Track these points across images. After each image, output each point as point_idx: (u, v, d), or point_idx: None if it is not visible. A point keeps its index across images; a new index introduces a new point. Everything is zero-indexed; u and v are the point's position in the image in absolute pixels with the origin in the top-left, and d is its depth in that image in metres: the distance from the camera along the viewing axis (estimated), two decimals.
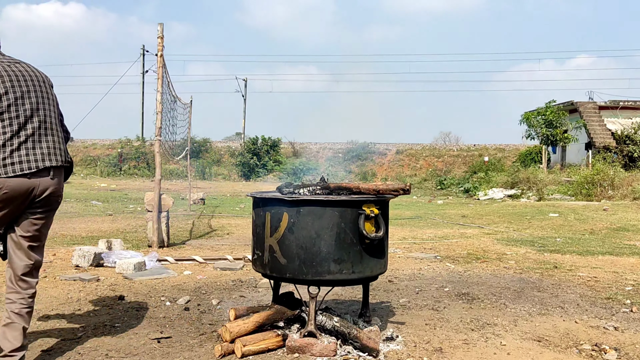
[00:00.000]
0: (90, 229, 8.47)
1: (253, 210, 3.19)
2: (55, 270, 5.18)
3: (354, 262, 2.95)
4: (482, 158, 31.05)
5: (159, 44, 6.69)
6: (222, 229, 8.96)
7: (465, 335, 3.36)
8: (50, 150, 2.68)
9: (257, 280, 4.83)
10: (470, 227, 9.79)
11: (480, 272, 5.46)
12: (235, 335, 2.94)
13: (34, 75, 2.68)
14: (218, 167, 33.14)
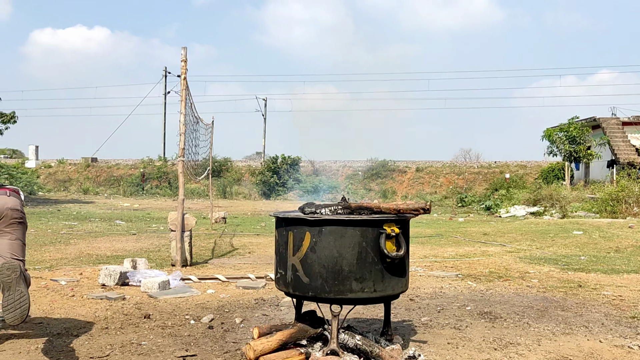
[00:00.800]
0: (115, 248, 8.62)
1: (276, 229, 3.26)
2: (83, 289, 5.30)
3: (376, 280, 2.99)
4: (503, 175, 30.79)
5: (182, 67, 6.88)
6: (243, 247, 9.05)
7: (487, 354, 3.36)
8: None
9: (279, 299, 4.88)
10: (492, 245, 9.72)
11: (503, 291, 5.43)
12: (259, 353, 2.99)
13: None
14: (239, 186, 33.40)
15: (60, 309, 4.47)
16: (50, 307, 4.53)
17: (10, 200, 3.22)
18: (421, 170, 33.54)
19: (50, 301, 4.73)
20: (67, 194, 31.99)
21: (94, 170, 36.17)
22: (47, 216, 15.55)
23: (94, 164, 36.95)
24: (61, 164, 37.77)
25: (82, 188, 33.08)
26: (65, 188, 34.27)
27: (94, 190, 32.75)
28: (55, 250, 8.26)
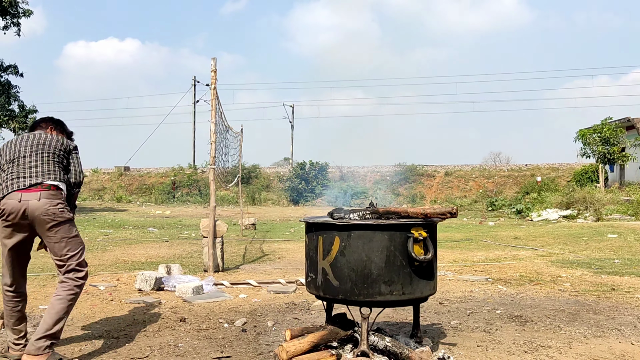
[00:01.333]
0: (149, 255, 8.85)
1: (306, 234, 3.36)
2: (121, 293, 5.48)
3: (404, 283, 3.05)
4: (534, 178, 30.31)
5: (212, 77, 7.06)
6: (273, 253, 9.18)
7: (518, 357, 3.38)
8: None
9: (310, 303, 4.97)
10: (523, 249, 9.63)
11: (534, 295, 5.40)
12: (291, 354, 3.08)
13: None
14: (267, 193, 33.70)
15: (100, 312, 4.65)
16: (91, 311, 4.72)
17: (39, 205, 3.20)
18: (450, 175, 33.27)
19: (90, 305, 4.93)
20: (101, 202, 32.80)
21: (126, 179, 36.99)
22: (84, 224, 16.00)
23: (126, 172, 37.80)
24: (95, 173, 38.74)
25: (115, 196, 33.87)
26: (100, 196, 35.14)
27: (126, 198, 33.49)
28: (92, 257, 8.52)
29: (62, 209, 3.27)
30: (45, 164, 3.34)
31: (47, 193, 3.25)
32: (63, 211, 3.27)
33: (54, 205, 3.24)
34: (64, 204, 3.31)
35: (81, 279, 3.33)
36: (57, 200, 3.28)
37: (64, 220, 3.27)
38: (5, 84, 21.25)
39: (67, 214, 3.30)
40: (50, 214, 3.22)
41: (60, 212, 3.26)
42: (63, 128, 3.75)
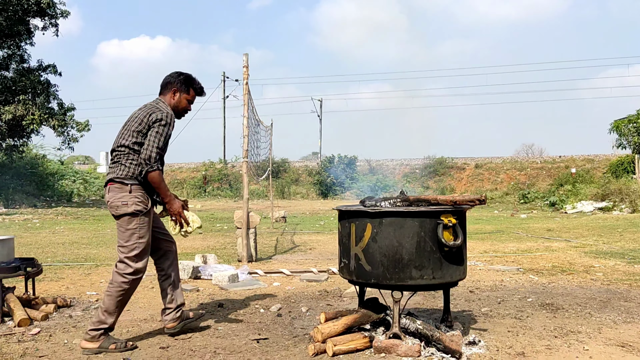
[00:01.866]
0: (184, 246, 9.11)
1: (339, 222, 3.49)
2: None
3: (434, 268, 3.16)
4: (568, 170, 29.76)
5: (244, 72, 7.24)
6: (304, 244, 9.35)
7: (548, 341, 3.45)
8: None
9: (342, 291, 5.11)
10: (556, 241, 9.56)
11: (566, 284, 5.42)
12: (326, 336, 3.22)
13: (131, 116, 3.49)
14: (296, 186, 33.97)
15: (142, 299, 4.89)
16: (134, 297, 4.94)
17: (107, 197, 3.43)
18: (480, 167, 32.93)
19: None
20: None
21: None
22: None
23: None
24: None
25: None
26: None
27: None
28: None
29: (124, 202, 3.35)
30: (119, 157, 3.41)
31: (113, 187, 3.39)
32: (126, 204, 3.35)
33: (117, 199, 3.37)
34: (128, 197, 3.35)
35: (127, 275, 3.36)
36: (120, 194, 3.36)
37: (122, 213, 3.36)
38: (44, 83, 21.95)
39: (126, 208, 3.35)
40: (113, 206, 3.40)
41: (121, 206, 3.35)
42: (186, 86, 3.62)
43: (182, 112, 3.68)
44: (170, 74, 3.66)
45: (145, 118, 3.41)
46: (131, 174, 3.38)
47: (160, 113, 3.42)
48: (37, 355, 3.26)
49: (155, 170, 3.36)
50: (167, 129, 3.42)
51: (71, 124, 22.67)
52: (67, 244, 9.45)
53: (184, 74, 3.67)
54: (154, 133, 3.37)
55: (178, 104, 3.61)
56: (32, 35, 22.42)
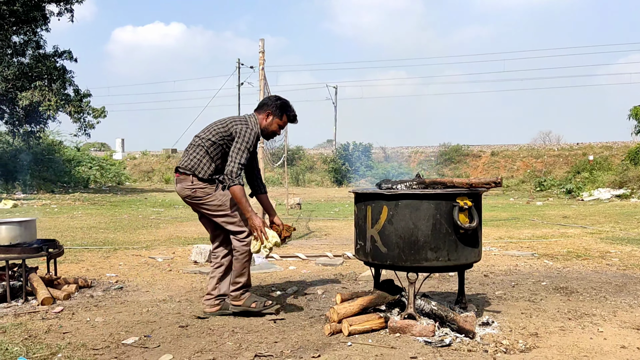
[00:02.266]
0: (200, 232, 9.22)
1: (355, 204, 3.53)
2: (178, 265, 5.83)
3: (450, 250, 3.19)
4: (586, 157, 29.39)
5: (260, 58, 7.27)
6: (319, 230, 9.41)
7: (561, 323, 3.47)
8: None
9: (357, 274, 5.17)
10: (572, 228, 9.51)
11: (581, 269, 5.42)
12: (342, 316, 3.27)
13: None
14: (311, 174, 34.03)
15: (161, 281, 4.99)
16: (153, 279, 5.06)
17: (177, 187, 3.70)
18: (496, 154, 32.68)
19: (151, 275, 5.27)
20: (150, 183, 33.94)
21: (174, 161, 38.02)
22: (137, 203, 16.71)
23: (174, 154, 38.85)
24: (144, 155, 40.02)
25: (163, 178, 34.94)
26: (149, 178, 36.33)
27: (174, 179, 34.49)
28: (147, 233, 8.98)
29: (193, 189, 3.61)
30: (190, 147, 3.67)
31: (179, 178, 3.68)
32: (195, 191, 3.61)
33: (186, 188, 3.62)
34: (194, 185, 3.59)
35: (243, 238, 3.62)
36: (187, 184, 3.61)
37: (199, 196, 3.63)
38: (60, 69, 22.16)
39: (199, 192, 3.61)
40: (184, 196, 3.67)
41: (194, 192, 3.62)
42: (281, 112, 3.72)
43: (270, 134, 3.80)
44: (270, 96, 3.81)
45: (231, 124, 3.60)
46: (191, 166, 3.61)
47: (245, 127, 3.56)
48: (61, 332, 3.36)
49: (237, 185, 3.50)
50: (249, 145, 3.54)
51: (87, 111, 22.89)
52: (85, 228, 9.62)
53: (282, 100, 3.76)
54: (236, 149, 3.52)
55: (269, 126, 3.73)
56: (48, 21, 22.60)
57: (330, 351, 2.95)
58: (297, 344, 3.08)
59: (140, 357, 2.90)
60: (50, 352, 2.97)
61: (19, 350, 2.98)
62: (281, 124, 3.76)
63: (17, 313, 3.76)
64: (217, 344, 3.10)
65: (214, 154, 3.62)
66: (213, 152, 3.62)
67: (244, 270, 3.65)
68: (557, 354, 2.88)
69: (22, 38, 22.37)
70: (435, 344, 3.00)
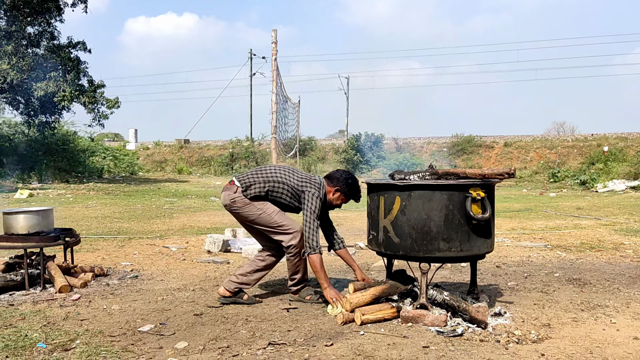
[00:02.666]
0: (213, 222, 9.31)
1: (368, 195, 3.54)
2: (191, 254, 5.89)
3: (462, 241, 3.20)
4: (600, 148, 29.03)
5: (272, 48, 7.27)
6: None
7: (574, 314, 3.47)
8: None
9: (369, 265, 5.19)
10: (585, 219, 9.44)
11: (594, 260, 5.39)
12: (354, 305, 3.30)
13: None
14: (323, 165, 34.00)
15: (175, 270, 5.05)
16: (167, 268, 5.13)
17: (222, 195, 3.84)
18: (509, 145, 32.41)
19: (166, 264, 5.34)
20: (163, 173, 34.16)
21: (186, 152, 38.23)
22: (150, 194, 16.85)
23: (186, 145, 39.03)
24: (157, 145, 40.24)
25: (176, 168, 35.14)
26: (162, 168, 36.56)
27: (187, 170, 34.69)
28: (161, 222, 9.07)
29: (233, 199, 3.75)
30: (254, 179, 3.81)
31: (227, 186, 3.86)
32: (234, 201, 3.75)
33: (228, 197, 3.79)
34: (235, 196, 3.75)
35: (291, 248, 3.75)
36: (229, 193, 3.79)
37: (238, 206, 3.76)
38: (75, 60, 22.29)
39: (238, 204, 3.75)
40: (224, 204, 3.85)
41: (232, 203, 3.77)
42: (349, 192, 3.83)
43: (330, 206, 3.92)
44: (342, 172, 3.91)
45: (306, 182, 3.75)
46: (245, 183, 3.77)
47: (316, 191, 3.69)
48: (79, 319, 3.42)
49: (317, 254, 3.58)
50: (316, 209, 3.64)
51: (101, 101, 23.03)
52: (100, 217, 9.74)
53: (353, 179, 3.88)
54: (309, 211, 3.63)
55: (334, 200, 3.85)
56: (62, 12, 22.72)
57: (343, 340, 2.98)
58: (310, 333, 3.12)
59: (156, 344, 2.95)
60: (68, 338, 3.03)
61: (38, 336, 3.05)
62: (344, 200, 3.88)
63: (36, 300, 3.84)
64: (231, 332, 3.15)
65: (273, 190, 3.75)
66: (273, 189, 3.75)
67: (296, 269, 3.83)
68: (569, 345, 2.89)
69: (36, 29, 22.51)
70: (447, 334, 3.02)
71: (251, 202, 3.74)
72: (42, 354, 2.79)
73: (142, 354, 2.81)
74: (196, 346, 2.92)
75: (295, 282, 3.89)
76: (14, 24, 20.76)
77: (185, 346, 2.91)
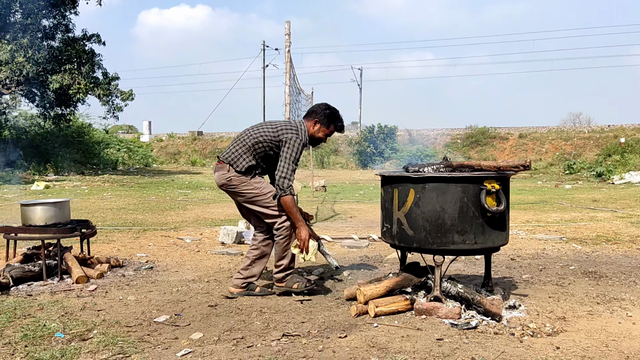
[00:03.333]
0: (227, 213, 9.35)
1: (382, 187, 3.54)
2: (205, 246, 5.93)
3: (477, 233, 3.18)
4: (617, 139, 28.64)
5: (286, 40, 7.26)
6: (344, 213, 9.44)
7: (590, 307, 3.44)
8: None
9: (383, 257, 5.19)
10: (601, 211, 9.34)
11: (610, 253, 5.34)
12: (368, 297, 3.31)
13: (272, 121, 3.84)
14: (336, 157, 33.99)
15: (190, 261, 5.09)
16: (182, 259, 5.17)
17: (215, 175, 3.77)
18: (524, 137, 32.10)
19: (180, 255, 5.39)
20: (177, 165, 34.37)
21: (200, 143, 38.40)
22: (164, 185, 16.98)
23: (199, 137, 39.19)
24: (171, 137, 40.47)
25: (190, 160, 35.35)
26: (175, 160, 36.78)
27: (200, 162, 34.87)
28: (175, 214, 9.14)
29: (228, 178, 3.68)
30: (237, 145, 3.72)
31: (218, 166, 3.76)
32: (230, 179, 3.68)
33: (222, 177, 3.70)
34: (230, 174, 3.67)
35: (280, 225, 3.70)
36: (222, 172, 3.70)
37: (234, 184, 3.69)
38: (89, 52, 22.46)
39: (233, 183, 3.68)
40: (220, 184, 3.74)
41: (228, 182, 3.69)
42: (328, 121, 3.79)
43: (317, 141, 3.87)
44: (320, 104, 3.85)
45: (282, 130, 3.67)
46: (231, 159, 3.69)
47: (295, 136, 3.63)
48: (96, 309, 3.47)
49: (288, 195, 3.57)
50: (297, 154, 3.63)
51: (115, 93, 23.22)
52: (115, 209, 9.84)
53: (331, 109, 3.82)
54: (285, 158, 3.59)
55: (315, 133, 3.81)
56: (77, 4, 22.87)
57: (357, 332, 2.99)
58: (324, 324, 3.13)
59: (171, 335, 2.99)
60: (86, 328, 3.08)
61: (56, 326, 3.10)
62: (327, 133, 3.83)
63: (53, 291, 3.90)
64: (246, 323, 3.17)
65: (257, 152, 3.70)
66: (257, 150, 3.69)
67: (284, 254, 3.72)
68: (584, 338, 2.87)
69: (51, 22, 22.69)
70: (461, 326, 3.02)
71: (248, 180, 3.66)
72: (61, 344, 2.83)
73: (158, 344, 2.85)
74: (211, 337, 2.94)
75: (281, 268, 3.75)
76: (29, 16, 20.93)
77: (201, 337, 2.94)
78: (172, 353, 2.71)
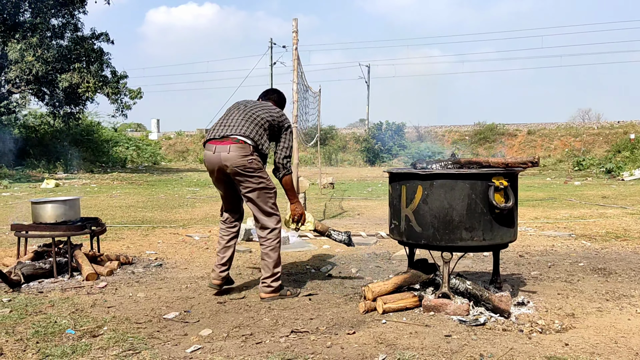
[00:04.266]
0: None
1: (389, 184, 3.54)
2: (214, 243, 5.96)
3: (485, 230, 3.18)
4: (627, 136, 28.41)
5: (293, 37, 7.25)
6: (352, 210, 9.44)
7: (599, 304, 3.43)
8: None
9: (391, 254, 5.19)
10: (611, 208, 9.28)
11: (620, 250, 5.31)
12: (376, 294, 3.32)
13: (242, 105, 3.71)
14: (344, 154, 33.98)
15: (198, 258, 5.12)
16: (191, 256, 5.20)
17: (230, 155, 3.40)
18: (533, 133, 31.93)
19: (189, 252, 5.42)
20: (185, 163, 34.49)
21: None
22: (173, 183, 17.05)
23: None
24: (179, 135, 40.61)
25: (198, 158, 35.43)
26: (184, 158, 36.92)
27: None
28: (184, 212, 9.18)
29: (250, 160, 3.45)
30: (249, 121, 3.53)
31: (235, 146, 3.43)
32: (252, 162, 3.45)
33: (243, 157, 3.44)
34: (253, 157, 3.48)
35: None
36: (244, 152, 3.43)
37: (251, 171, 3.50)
38: (98, 51, 22.58)
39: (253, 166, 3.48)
40: (237, 164, 3.44)
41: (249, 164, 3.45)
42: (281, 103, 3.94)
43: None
44: (279, 92, 3.99)
45: (283, 115, 3.73)
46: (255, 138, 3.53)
47: (289, 123, 3.76)
48: (106, 306, 3.50)
49: (290, 174, 3.73)
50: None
51: (124, 92, 23.35)
52: (124, 207, 9.90)
53: (282, 95, 3.99)
54: (287, 140, 3.70)
55: None
56: (85, 3, 22.99)
57: (365, 328, 3.00)
58: (332, 321, 3.14)
59: (181, 331, 3.01)
60: (96, 325, 3.11)
61: (67, 322, 3.14)
62: None
63: (64, 288, 3.94)
64: (255, 320, 3.19)
65: (268, 133, 3.59)
66: (267, 132, 3.58)
67: (279, 259, 3.65)
68: (593, 335, 2.86)
69: (60, 21, 22.83)
70: (470, 323, 3.02)
71: (262, 168, 3.50)
72: (71, 340, 2.87)
73: (168, 340, 2.87)
74: (220, 333, 2.96)
75: (277, 277, 3.58)
76: (38, 16, 21.07)
77: (210, 333, 2.96)
78: (182, 349, 2.73)
